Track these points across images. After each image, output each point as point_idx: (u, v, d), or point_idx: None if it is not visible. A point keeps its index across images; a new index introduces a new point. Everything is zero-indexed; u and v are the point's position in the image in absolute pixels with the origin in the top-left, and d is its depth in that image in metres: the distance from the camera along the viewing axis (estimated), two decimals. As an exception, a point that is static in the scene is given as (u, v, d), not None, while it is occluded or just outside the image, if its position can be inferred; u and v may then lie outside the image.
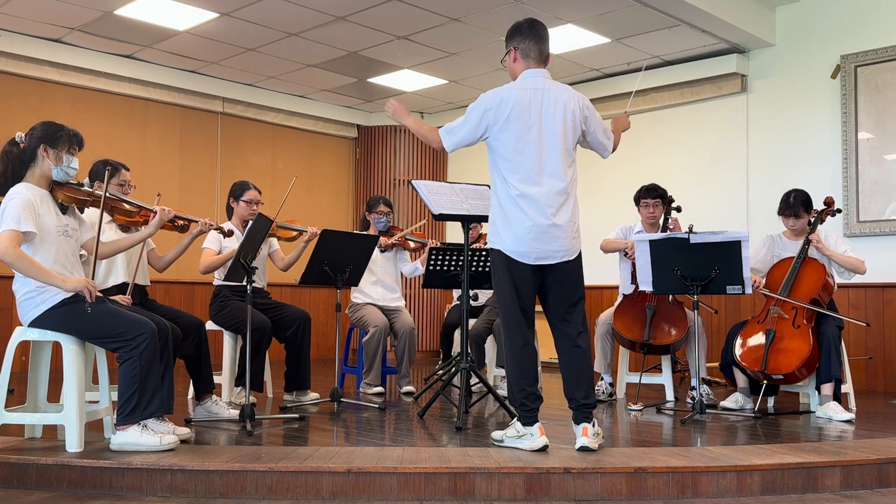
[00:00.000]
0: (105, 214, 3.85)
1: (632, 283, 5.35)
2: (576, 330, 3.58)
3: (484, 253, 5.25)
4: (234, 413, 4.23)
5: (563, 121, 3.53)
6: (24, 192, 3.40)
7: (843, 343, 4.85)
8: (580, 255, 3.62)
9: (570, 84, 8.02)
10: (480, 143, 3.67)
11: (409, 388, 5.65)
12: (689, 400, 4.99)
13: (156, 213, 3.93)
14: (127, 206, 3.96)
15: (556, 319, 3.61)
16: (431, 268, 5.17)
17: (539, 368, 5.58)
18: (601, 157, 3.82)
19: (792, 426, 4.38)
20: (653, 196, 5.40)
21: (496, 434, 3.68)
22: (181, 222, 4.16)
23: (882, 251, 6.30)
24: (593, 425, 3.53)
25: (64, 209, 3.59)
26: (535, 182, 3.48)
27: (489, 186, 4.55)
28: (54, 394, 3.89)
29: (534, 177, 3.49)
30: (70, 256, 3.54)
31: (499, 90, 3.58)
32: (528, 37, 3.60)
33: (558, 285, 3.57)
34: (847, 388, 5.08)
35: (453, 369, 4.70)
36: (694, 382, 4.97)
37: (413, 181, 4.45)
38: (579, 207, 3.63)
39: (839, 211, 5.18)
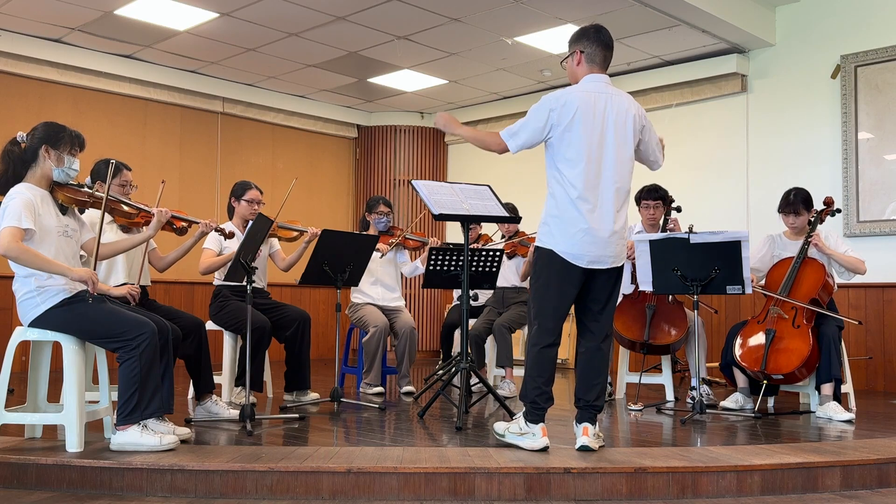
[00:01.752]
0: (106, 215, 3.85)
1: (632, 283, 5.35)
2: (603, 332, 3.60)
3: (484, 253, 5.25)
4: (234, 413, 4.23)
5: (626, 127, 3.55)
6: (25, 192, 3.40)
7: (843, 343, 4.85)
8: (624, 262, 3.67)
9: (570, 83, 8.03)
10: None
11: (409, 388, 5.65)
12: (689, 400, 4.99)
13: (154, 214, 3.94)
14: (126, 208, 3.96)
15: (588, 319, 3.63)
16: (431, 268, 5.16)
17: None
18: (651, 170, 3.83)
19: (792, 426, 4.38)
20: (654, 198, 5.38)
21: (498, 426, 3.68)
22: (180, 224, 4.15)
23: (882, 251, 6.30)
24: (595, 426, 3.53)
25: (64, 210, 3.59)
26: (595, 186, 3.49)
27: (489, 187, 4.58)
28: (54, 394, 3.89)
29: (594, 181, 3.49)
30: (70, 257, 3.54)
31: (563, 92, 3.57)
32: (596, 42, 3.60)
33: (600, 288, 3.59)
34: (847, 388, 5.08)
35: (453, 369, 4.70)
36: (694, 382, 4.97)
37: (413, 181, 4.45)
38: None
39: (839, 211, 5.18)
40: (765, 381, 4.72)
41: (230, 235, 4.65)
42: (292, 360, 5.03)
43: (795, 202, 4.96)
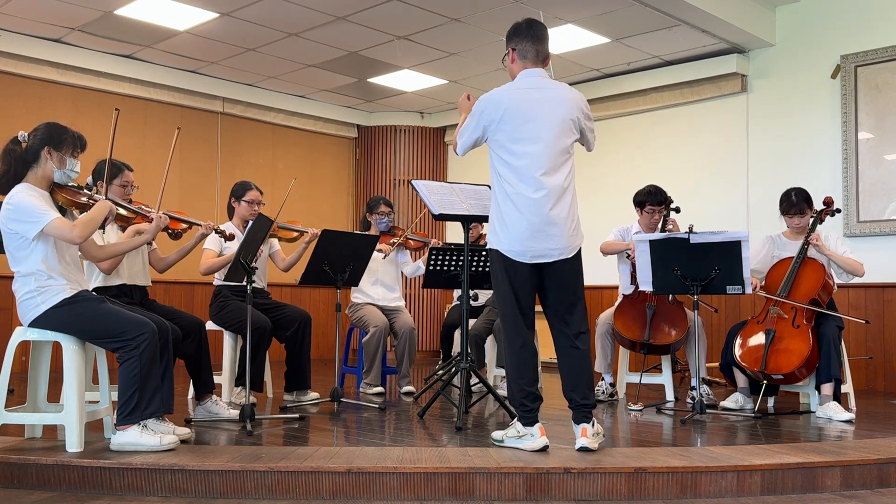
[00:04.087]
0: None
1: (632, 284, 5.35)
2: (575, 331, 3.57)
3: (484, 253, 5.25)
4: (234, 413, 4.23)
5: (562, 119, 3.53)
6: (29, 191, 3.39)
7: (843, 343, 4.85)
8: (579, 252, 3.60)
9: (571, 84, 8.04)
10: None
11: (409, 388, 5.65)
12: (689, 400, 4.99)
13: (152, 219, 3.93)
14: (124, 212, 3.95)
15: (556, 320, 3.61)
16: (431, 268, 5.17)
17: (539, 368, 5.59)
18: (586, 151, 3.84)
19: (792, 426, 4.38)
20: (657, 202, 5.36)
21: (496, 434, 3.68)
22: (178, 226, 4.14)
23: (882, 251, 6.30)
24: (593, 425, 3.53)
25: (63, 211, 3.58)
26: (530, 180, 3.48)
27: (489, 186, 4.57)
28: (54, 394, 3.89)
29: (529, 175, 3.48)
30: (70, 259, 3.54)
31: (495, 91, 3.61)
32: (526, 37, 3.61)
33: (557, 284, 3.57)
34: (847, 388, 5.08)
35: (453, 369, 4.70)
36: (694, 382, 4.97)
37: (413, 181, 4.46)
38: (577, 205, 3.62)
39: (839, 211, 5.17)
40: (765, 381, 4.72)
41: (230, 237, 4.65)
42: (292, 360, 5.03)
43: (798, 202, 4.95)
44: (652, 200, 5.38)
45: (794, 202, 4.96)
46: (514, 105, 3.52)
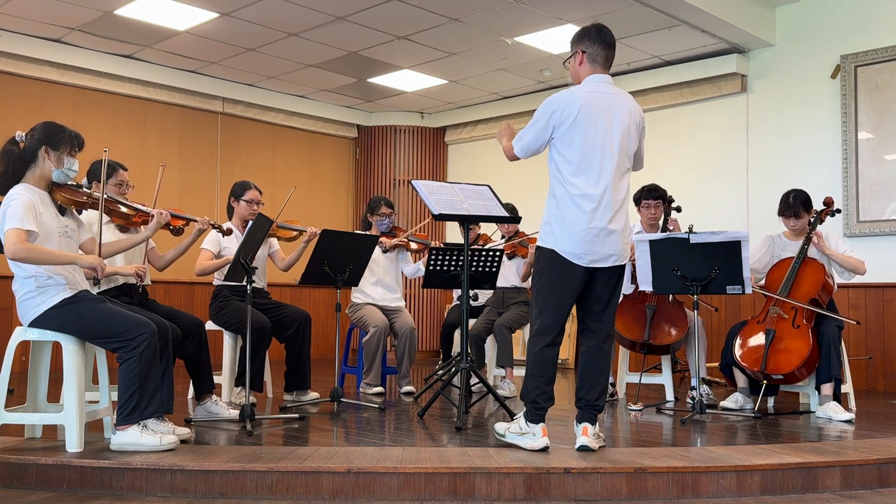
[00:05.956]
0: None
1: (632, 283, 5.35)
2: (605, 332, 3.62)
3: (484, 253, 5.25)
4: (234, 413, 4.23)
5: (627, 128, 3.57)
6: (26, 194, 3.39)
7: (842, 343, 4.85)
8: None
9: (570, 84, 8.04)
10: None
11: (409, 388, 5.65)
12: (689, 400, 4.99)
13: (153, 215, 3.93)
14: (124, 209, 3.95)
15: (590, 318, 3.64)
16: (431, 268, 5.16)
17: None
18: (634, 171, 3.85)
19: (792, 426, 4.38)
20: (654, 197, 5.39)
21: (499, 426, 3.68)
22: (179, 223, 4.15)
23: (882, 251, 6.30)
24: (595, 426, 3.53)
25: (62, 211, 3.58)
26: (596, 185, 3.51)
27: (489, 187, 4.58)
28: (54, 394, 3.89)
29: (595, 180, 3.51)
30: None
31: (565, 93, 3.60)
32: (597, 42, 3.63)
33: (602, 286, 3.60)
34: (847, 388, 5.08)
35: (453, 369, 4.70)
36: (694, 382, 4.97)
37: (413, 181, 4.45)
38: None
39: (839, 211, 5.17)
40: (765, 381, 4.72)
41: (228, 232, 4.65)
42: (292, 360, 5.03)
43: (795, 204, 4.96)
44: (647, 195, 5.39)
45: (791, 204, 4.96)
46: (587, 109, 3.52)
